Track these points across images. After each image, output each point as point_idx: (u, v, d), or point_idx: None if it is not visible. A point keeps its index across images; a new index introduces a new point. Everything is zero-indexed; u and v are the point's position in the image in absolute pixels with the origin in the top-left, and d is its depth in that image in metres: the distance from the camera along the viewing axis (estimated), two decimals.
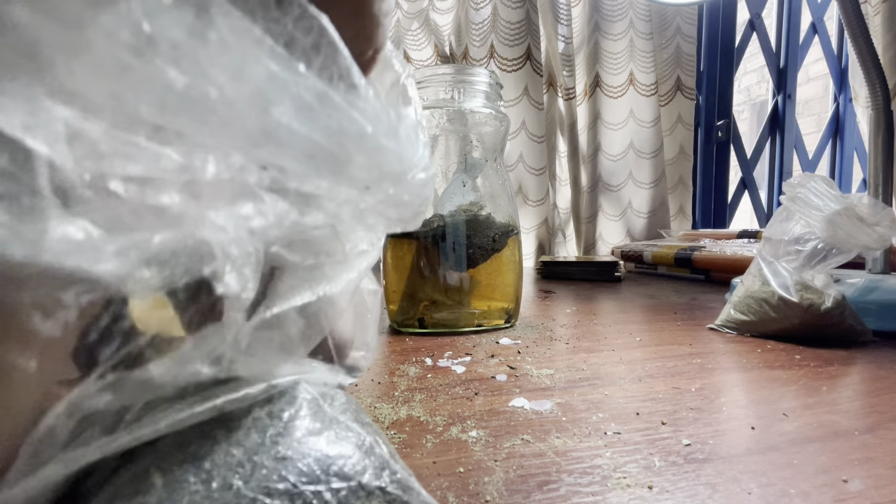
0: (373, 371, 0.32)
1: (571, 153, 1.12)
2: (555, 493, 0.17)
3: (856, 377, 0.29)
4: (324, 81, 0.10)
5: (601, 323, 0.46)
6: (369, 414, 0.24)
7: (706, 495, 0.17)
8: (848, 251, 0.36)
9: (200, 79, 0.08)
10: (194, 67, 0.08)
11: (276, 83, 0.09)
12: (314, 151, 0.10)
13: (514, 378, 0.30)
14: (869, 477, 0.18)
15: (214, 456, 0.10)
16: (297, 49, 0.09)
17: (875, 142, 0.48)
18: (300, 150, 0.10)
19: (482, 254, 0.42)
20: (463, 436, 0.22)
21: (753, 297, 0.39)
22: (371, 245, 0.14)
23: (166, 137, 0.08)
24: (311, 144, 0.10)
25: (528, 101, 1.00)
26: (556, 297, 0.63)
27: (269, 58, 0.09)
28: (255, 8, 0.09)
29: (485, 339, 0.40)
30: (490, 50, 0.99)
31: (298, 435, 0.10)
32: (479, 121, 0.42)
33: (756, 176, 1.20)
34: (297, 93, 0.09)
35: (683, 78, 1.13)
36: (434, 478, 0.18)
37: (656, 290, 0.68)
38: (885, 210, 0.36)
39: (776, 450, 0.20)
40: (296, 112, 0.09)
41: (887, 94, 0.47)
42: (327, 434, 0.11)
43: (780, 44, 1.19)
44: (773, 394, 0.27)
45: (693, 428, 0.22)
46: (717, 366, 0.32)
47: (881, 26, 0.96)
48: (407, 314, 0.43)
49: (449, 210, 0.42)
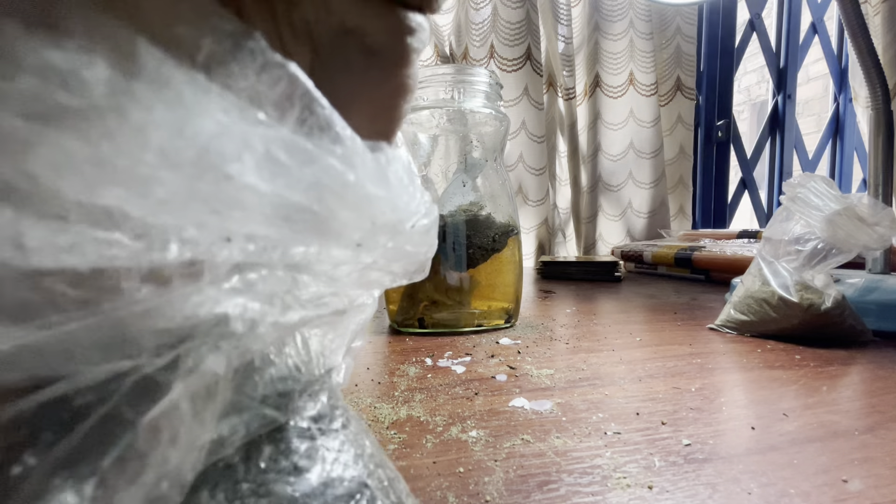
0: (373, 371, 0.32)
1: (571, 153, 1.12)
2: (555, 493, 0.17)
3: (856, 377, 0.29)
4: (302, 134, 0.08)
5: (601, 323, 0.46)
6: (370, 414, 0.24)
7: (706, 495, 0.17)
8: (848, 251, 0.36)
9: (130, 143, 0.07)
10: (121, 130, 0.07)
11: (228, 137, 0.08)
12: (288, 211, 0.08)
13: (514, 378, 0.30)
14: (869, 477, 0.18)
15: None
16: (267, 102, 0.08)
17: (875, 142, 0.48)
18: (270, 211, 0.08)
19: (482, 254, 0.42)
20: (463, 436, 0.22)
21: (753, 297, 0.39)
22: (371, 298, 0.12)
23: (109, 219, 0.07)
24: (284, 203, 0.08)
25: (528, 101, 1.00)
26: (556, 297, 0.63)
27: (218, 108, 0.07)
28: (206, 62, 0.08)
29: (485, 339, 0.40)
30: (490, 50, 0.99)
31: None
32: (479, 121, 0.42)
33: (756, 176, 1.20)
34: (257, 145, 0.08)
35: (683, 78, 1.13)
36: (434, 478, 0.18)
37: (656, 290, 0.68)
38: (885, 210, 0.36)
39: (776, 450, 0.20)
40: (258, 168, 0.08)
41: (887, 94, 0.47)
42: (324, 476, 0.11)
43: (780, 44, 1.19)
44: (773, 394, 0.27)
45: (693, 428, 0.22)
46: (717, 366, 0.32)
47: (881, 26, 0.96)
48: (407, 314, 0.43)
49: (449, 210, 0.42)
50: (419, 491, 0.17)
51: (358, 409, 0.25)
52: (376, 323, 0.47)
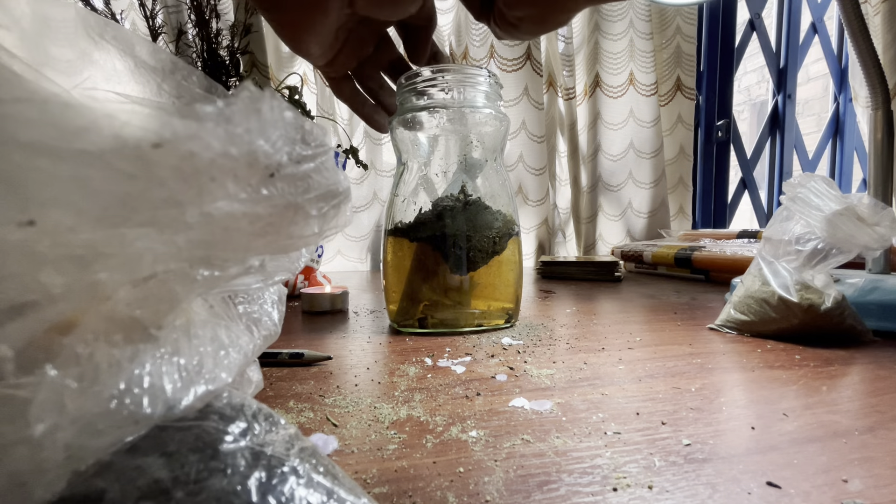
0: (373, 371, 0.32)
1: (571, 153, 1.12)
2: (555, 493, 0.17)
3: (856, 377, 0.29)
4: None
5: (601, 323, 0.46)
6: (370, 414, 0.24)
7: (706, 495, 0.17)
8: (848, 251, 0.36)
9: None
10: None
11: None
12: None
13: (514, 378, 0.30)
14: (869, 477, 0.18)
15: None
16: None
17: (875, 142, 0.48)
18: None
19: (482, 257, 0.42)
20: (463, 436, 0.22)
21: (753, 297, 0.39)
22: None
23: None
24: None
25: (528, 101, 1.00)
26: (556, 297, 0.63)
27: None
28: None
29: (485, 339, 0.40)
30: (490, 50, 0.99)
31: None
32: (479, 121, 0.42)
33: (756, 176, 1.20)
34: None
35: (683, 78, 1.13)
36: (434, 478, 0.18)
37: (656, 290, 0.68)
38: (885, 210, 0.36)
39: (776, 450, 0.20)
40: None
41: (887, 94, 0.47)
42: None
43: (780, 44, 1.19)
44: (773, 394, 0.27)
45: (693, 428, 0.22)
46: (717, 366, 0.32)
47: (881, 26, 0.96)
48: (407, 314, 0.43)
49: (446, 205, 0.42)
50: (419, 491, 0.17)
51: (358, 409, 0.25)
52: (376, 323, 0.47)
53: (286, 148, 0.10)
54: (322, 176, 0.11)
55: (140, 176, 0.08)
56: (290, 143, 0.10)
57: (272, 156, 0.10)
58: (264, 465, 0.11)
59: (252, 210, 0.10)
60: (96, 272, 0.09)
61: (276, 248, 0.11)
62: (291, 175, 0.11)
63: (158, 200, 0.09)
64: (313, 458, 0.12)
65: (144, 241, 0.09)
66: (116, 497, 0.09)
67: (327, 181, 0.11)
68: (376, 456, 0.20)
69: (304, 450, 0.12)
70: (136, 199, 0.09)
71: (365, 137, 0.99)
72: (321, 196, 0.11)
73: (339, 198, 0.12)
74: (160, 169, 0.09)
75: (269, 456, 0.11)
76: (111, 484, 0.09)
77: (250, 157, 0.10)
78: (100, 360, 0.09)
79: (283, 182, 0.10)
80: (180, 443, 0.10)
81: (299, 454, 0.12)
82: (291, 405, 0.26)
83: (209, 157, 0.09)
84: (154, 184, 0.09)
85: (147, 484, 0.10)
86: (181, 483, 0.10)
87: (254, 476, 0.10)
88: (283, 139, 0.10)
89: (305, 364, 0.33)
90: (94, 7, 0.65)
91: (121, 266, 0.09)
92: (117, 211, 0.09)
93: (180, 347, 0.11)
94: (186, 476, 0.10)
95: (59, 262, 0.08)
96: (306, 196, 0.11)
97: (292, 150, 0.10)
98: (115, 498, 0.09)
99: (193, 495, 0.10)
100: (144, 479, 0.10)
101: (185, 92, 0.12)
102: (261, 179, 0.10)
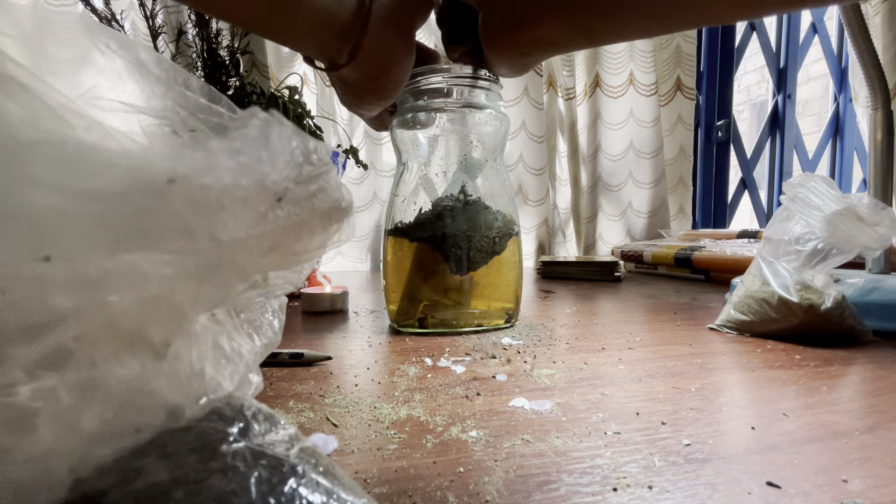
0: (373, 371, 0.32)
1: (571, 153, 1.12)
2: (555, 493, 0.17)
3: (856, 377, 0.29)
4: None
5: (601, 323, 0.46)
6: (370, 414, 0.24)
7: (706, 495, 0.17)
8: (848, 251, 0.36)
9: None
10: None
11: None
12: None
13: (514, 378, 0.30)
14: (869, 477, 0.18)
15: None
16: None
17: (875, 142, 0.48)
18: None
19: (482, 257, 0.42)
20: (463, 436, 0.22)
21: (753, 297, 0.39)
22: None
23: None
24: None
25: (528, 101, 1.00)
26: (556, 297, 0.63)
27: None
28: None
29: (485, 339, 0.40)
30: None
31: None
32: (479, 121, 0.42)
33: (756, 176, 1.20)
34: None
35: (683, 78, 1.13)
36: (434, 478, 0.18)
37: (656, 290, 0.68)
38: (885, 210, 0.36)
39: (776, 450, 0.20)
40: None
41: (887, 94, 0.47)
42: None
43: (780, 44, 1.19)
44: (773, 394, 0.27)
45: (693, 428, 0.22)
46: (717, 366, 0.32)
47: (881, 26, 0.96)
48: (407, 314, 0.43)
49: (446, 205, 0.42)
50: (419, 491, 0.17)
51: (358, 409, 0.25)
52: (376, 323, 0.47)
53: (293, 173, 0.11)
54: (326, 193, 0.11)
55: (154, 209, 0.09)
56: (296, 167, 0.11)
57: (280, 183, 0.10)
58: (264, 465, 0.11)
59: (259, 232, 0.10)
60: (106, 294, 0.09)
61: (282, 265, 0.11)
62: (297, 197, 0.11)
63: (170, 230, 0.09)
64: (313, 458, 0.12)
65: (154, 266, 0.09)
66: (117, 498, 0.09)
67: (331, 198, 0.12)
68: (376, 456, 0.20)
69: (304, 450, 0.12)
70: (149, 229, 0.09)
71: (365, 137, 0.99)
72: (325, 213, 0.11)
73: (342, 213, 0.12)
74: (174, 202, 0.09)
75: (268, 456, 0.11)
76: (111, 485, 0.09)
77: (259, 185, 0.10)
78: (105, 373, 0.09)
79: (290, 204, 0.11)
80: (180, 443, 0.10)
81: (299, 454, 0.12)
82: (291, 405, 0.26)
83: (220, 187, 0.09)
84: (166, 216, 0.09)
85: (147, 485, 0.10)
86: (181, 483, 0.10)
87: (254, 476, 0.10)
88: (290, 165, 0.11)
89: (305, 364, 0.33)
90: (94, 7, 0.65)
91: (130, 288, 0.09)
92: (130, 240, 0.09)
93: (182, 357, 0.11)
94: (186, 476, 0.10)
95: (71, 285, 0.09)
96: (311, 214, 0.11)
97: (299, 173, 0.11)
98: (115, 499, 0.09)
99: (193, 496, 0.10)
100: (144, 481, 0.10)
101: (188, 102, 0.12)
102: (269, 205, 0.10)
